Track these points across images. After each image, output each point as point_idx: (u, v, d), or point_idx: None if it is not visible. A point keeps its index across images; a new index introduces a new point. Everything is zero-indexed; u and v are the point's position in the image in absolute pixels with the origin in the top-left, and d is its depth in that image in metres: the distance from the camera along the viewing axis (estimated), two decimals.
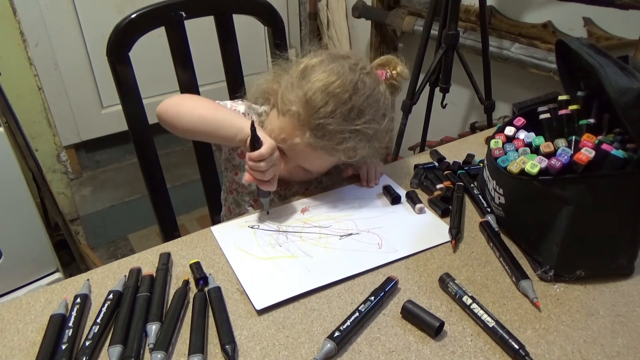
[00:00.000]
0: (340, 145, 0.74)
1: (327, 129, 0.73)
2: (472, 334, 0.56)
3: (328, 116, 0.72)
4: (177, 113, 0.79)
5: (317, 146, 0.74)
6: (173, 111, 0.80)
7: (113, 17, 1.01)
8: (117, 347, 0.53)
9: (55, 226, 1.67)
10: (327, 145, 0.74)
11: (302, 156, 0.78)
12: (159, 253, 0.68)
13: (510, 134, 0.71)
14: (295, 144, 0.76)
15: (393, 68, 0.83)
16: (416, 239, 0.72)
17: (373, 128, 0.75)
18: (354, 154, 0.76)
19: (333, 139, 0.74)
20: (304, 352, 0.54)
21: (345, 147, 0.74)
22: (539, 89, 1.50)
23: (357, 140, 0.75)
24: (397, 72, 0.83)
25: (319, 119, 0.72)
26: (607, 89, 0.58)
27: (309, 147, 0.75)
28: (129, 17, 0.91)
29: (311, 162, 0.80)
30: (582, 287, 0.63)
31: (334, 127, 0.73)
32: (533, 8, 1.48)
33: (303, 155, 0.78)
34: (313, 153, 0.76)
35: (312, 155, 0.77)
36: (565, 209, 0.61)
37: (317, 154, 0.76)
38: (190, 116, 0.79)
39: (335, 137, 0.73)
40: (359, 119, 0.74)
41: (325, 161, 0.80)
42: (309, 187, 0.92)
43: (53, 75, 1.82)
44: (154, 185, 1.02)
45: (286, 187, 0.92)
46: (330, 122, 0.72)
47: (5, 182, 1.31)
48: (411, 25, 1.79)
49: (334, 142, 0.74)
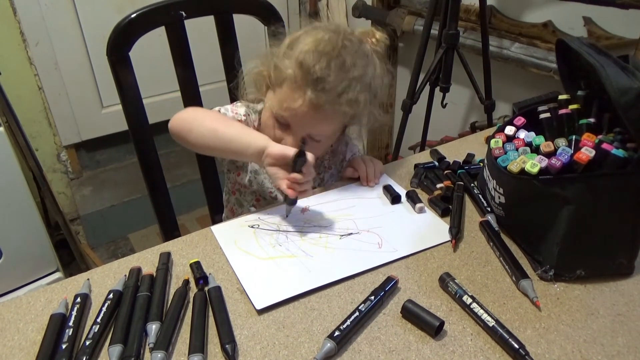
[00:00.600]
0: (342, 97, 0.76)
1: (326, 81, 0.75)
2: (472, 334, 0.56)
3: (324, 70, 0.75)
4: (188, 128, 0.79)
5: (319, 103, 0.76)
6: (184, 126, 0.80)
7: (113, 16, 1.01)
8: (117, 347, 0.53)
9: (56, 226, 1.67)
10: (330, 99, 0.76)
11: (307, 120, 0.79)
12: (159, 253, 0.68)
13: (511, 134, 0.71)
14: (298, 107, 0.77)
15: (372, 36, 0.85)
16: (416, 239, 0.72)
17: (369, 76, 0.79)
18: (357, 106, 0.78)
19: (334, 90, 0.75)
20: (304, 352, 0.54)
21: (348, 99, 0.76)
22: (539, 89, 1.50)
23: (357, 91, 0.77)
24: (376, 39, 0.85)
25: (317, 74, 0.74)
26: (607, 88, 0.58)
27: (312, 107, 0.76)
28: (129, 16, 0.91)
29: (317, 125, 0.80)
30: (582, 287, 0.63)
31: (332, 78, 0.75)
32: (533, 7, 1.48)
33: (308, 119, 0.78)
34: (317, 113, 0.77)
35: (317, 117, 0.78)
36: (565, 209, 0.61)
37: (321, 114, 0.77)
38: (202, 131, 0.79)
39: (335, 88, 0.75)
40: (354, 68, 0.77)
41: (331, 122, 0.81)
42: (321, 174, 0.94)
43: (53, 74, 1.82)
44: (154, 184, 1.02)
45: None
46: (328, 74, 0.75)
47: (6, 181, 1.31)
48: (411, 25, 1.79)
49: (335, 93, 0.76)
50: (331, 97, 0.75)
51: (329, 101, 0.76)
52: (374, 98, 0.82)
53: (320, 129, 0.81)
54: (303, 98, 0.76)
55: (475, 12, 1.60)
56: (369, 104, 0.81)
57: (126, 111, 0.95)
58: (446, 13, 1.40)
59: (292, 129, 0.81)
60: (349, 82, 0.76)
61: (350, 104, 0.77)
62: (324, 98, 0.75)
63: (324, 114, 0.77)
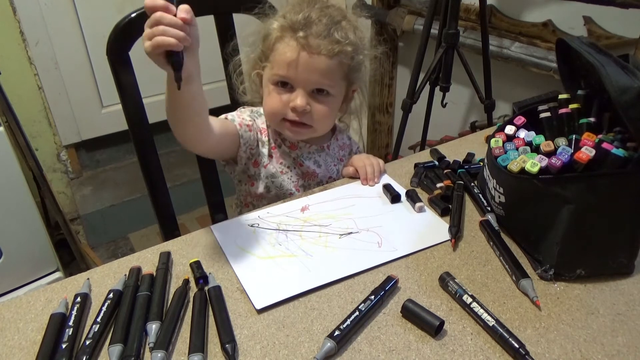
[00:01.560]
0: (332, 32, 0.79)
1: (312, 20, 0.79)
2: (472, 333, 0.56)
3: (307, 14, 0.79)
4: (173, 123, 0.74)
5: (311, 42, 0.78)
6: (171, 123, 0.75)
7: (113, 16, 1.01)
8: (118, 346, 0.53)
9: (56, 225, 1.67)
10: (321, 34, 0.78)
11: (306, 68, 0.80)
12: (159, 252, 0.68)
13: (511, 133, 0.71)
14: (294, 56, 0.79)
15: None
16: (416, 238, 0.72)
17: (348, 23, 0.83)
18: (348, 43, 0.81)
19: (321, 26, 0.79)
20: (304, 351, 0.54)
21: (338, 34, 0.80)
22: (539, 88, 1.50)
23: (345, 28, 0.81)
24: None
25: (302, 18, 0.79)
26: (607, 87, 0.58)
27: (307, 51, 0.79)
28: (129, 16, 0.90)
29: (317, 72, 0.81)
30: (582, 286, 0.63)
31: (316, 17, 0.79)
32: (533, 7, 1.48)
33: (306, 66, 0.80)
34: (313, 57, 0.79)
35: (314, 62, 0.80)
36: (565, 208, 0.61)
37: (317, 57, 0.79)
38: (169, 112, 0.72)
39: (321, 28, 0.79)
40: (335, 12, 0.82)
41: (330, 66, 0.81)
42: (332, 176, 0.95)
43: (53, 74, 1.82)
44: (154, 184, 1.02)
45: (310, 177, 0.93)
46: (312, 16, 0.79)
47: (6, 181, 1.31)
48: (411, 24, 1.79)
49: (324, 28, 0.79)
50: (318, 32, 0.79)
51: (316, 36, 0.78)
52: (361, 45, 0.85)
53: (321, 76, 0.82)
54: (296, 42, 0.79)
55: (475, 12, 1.60)
56: (360, 44, 0.84)
57: (126, 111, 0.95)
58: (446, 12, 1.40)
59: (296, 88, 0.82)
60: (334, 20, 0.80)
61: (339, 39, 0.80)
62: (314, 35, 0.78)
63: (320, 56, 0.79)
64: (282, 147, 0.92)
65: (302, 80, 0.81)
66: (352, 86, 0.89)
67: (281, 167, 0.91)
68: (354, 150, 1.02)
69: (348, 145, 1.01)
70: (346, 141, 1.01)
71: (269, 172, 0.91)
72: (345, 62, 0.82)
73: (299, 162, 0.93)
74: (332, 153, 0.97)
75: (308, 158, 0.93)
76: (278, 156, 0.91)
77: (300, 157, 0.93)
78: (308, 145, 0.93)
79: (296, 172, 0.93)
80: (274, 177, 0.91)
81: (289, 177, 0.92)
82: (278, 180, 0.91)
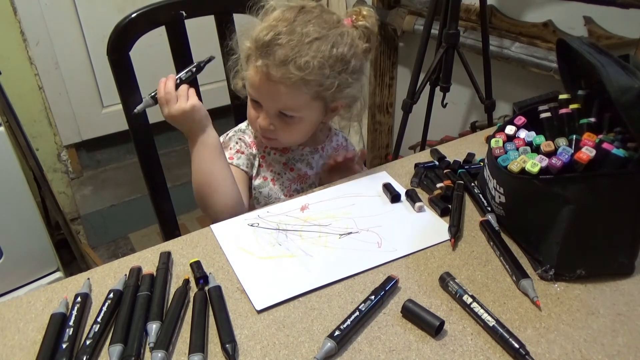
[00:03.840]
0: (289, 62, 0.75)
1: (273, 48, 0.76)
2: (472, 333, 0.56)
3: (271, 38, 0.76)
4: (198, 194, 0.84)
5: (269, 70, 0.76)
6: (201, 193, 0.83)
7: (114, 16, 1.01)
8: (118, 346, 0.53)
9: (56, 225, 1.67)
10: (276, 63, 0.76)
11: (267, 93, 0.80)
12: (160, 252, 0.68)
13: (511, 133, 0.71)
14: (254, 79, 0.79)
15: (358, 13, 0.85)
16: (416, 238, 0.72)
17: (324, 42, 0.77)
18: (308, 70, 0.76)
19: (279, 56, 0.75)
20: (304, 351, 0.54)
21: (297, 64, 0.75)
22: (539, 88, 1.50)
23: (308, 55, 0.75)
24: (362, 15, 0.84)
25: (264, 42, 0.76)
26: (607, 88, 0.58)
27: (265, 77, 0.78)
28: (130, 16, 0.91)
29: (278, 97, 0.80)
30: (582, 286, 0.63)
31: (278, 45, 0.76)
32: (533, 7, 1.48)
33: (266, 91, 0.80)
34: (272, 83, 0.78)
35: (274, 88, 0.78)
36: (565, 208, 0.61)
37: (276, 84, 0.77)
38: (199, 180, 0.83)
39: (281, 54, 0.75)
40: (304, 35, 0.76)
41: (290, 93, 0.79)
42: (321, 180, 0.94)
43: (54, 74, 1.82)
44: (154, 184, 1.02)
45: (303, 180, 0.93)
46: (275, 41, 0.76)
47: (6, 181, 1.31)
48: (411, 25, 1.79)
49: (281, 58, 0.75)
50: (277, 61, 0.76)
51: (275, 65, 0.76)
52: (341, 66, 0.79)
53: (284, 103, 0.81)
54: (255, 69, 0.78)
55: (475, 12, 1.60)
56: (328, 71, 0.78)
57: (126, 111, 0.95)
58: (446, 13, 1.40)
59: (262, 107, 0.83)
60: (298, 47, 0.76)
61: (299, 68, 0.76)
62: (272, 65, 0.76)
63: (279, 84, 0.78)
64: (271, 154, 0.93)
65: (265, 102, 0.82)
66: (334, 102, 0.85)
67: (272, 175, 0.92)
68: (340, 141, 1.00)
69: (344, 146, 1.00)
70: (342, 142, 1.00)
71: (254, 185, 0.92)
72: (311, 88, 0.79)
73: (290, 166, 0.93)
74: (326, 155, 0.96)
75: (300, 160, 0.94)
76: (267, 164, 0.92)
77: (291, 161, 0.93)
78: (301, 147, 0.94)
79: (288, 177, 0.93)
80: (261, 188, 0.92)
81: (280, 183, 0.93)
82: (265, 190, 0.92)
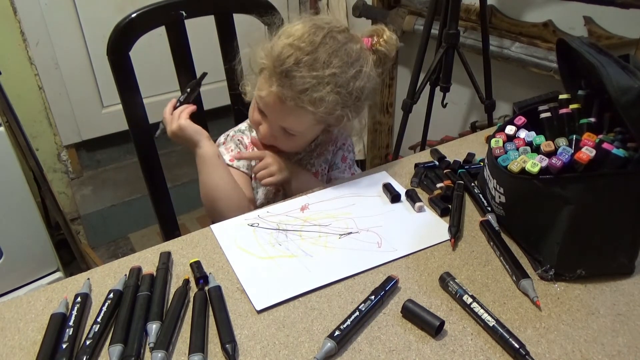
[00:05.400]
0: (306, 95, 0.75)
1: (292, 76, 0.75)
2: (472, 333, 0.56)
3: (292, 64, 0.74)
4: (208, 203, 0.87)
5: (283, 96, 0.76)
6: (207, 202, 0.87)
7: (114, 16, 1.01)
8: (118, 346, 0.53)
9: (56, 225, 1.67)
10: (292, 95, 0.75)
11: (275, 111, 0.80)
12: (160, 252, 0.68)
13: (511, 133, 0.71)
14: (265, 97, 0.79)
15: (380, 36, 0.83)
16: (416, 238, 0.72)
17: (343, 78, 0.76)
18: (322, 106, 0.76)
19: (296, 86, 0.75)
20: (304, 351, 0.54)
21: (311, 97, 0.75)
22: (539, 88, 1.50)
23: (325, 91, 0.75)
24: (383, 39, 0.83)
25: (284, 68, 0.75)
26: (607, 88, 0.58)
27: (277, 99, 0.77)
28: (130, 16, 0.91)
29: (284, 118, 0.80)
30: (582, 286, 0.63)
31: (299, 74, 0.74)
32: (533, 7, 1.48)
33: (275, 110, 0.80)
34: (283, 107, 0.78)
35: (283, 110, 0.78)
36: (565, 208, 0.61)
37: (287, 108, 0.77)
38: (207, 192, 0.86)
39: (298, 84, 0.74)
40: (326, 67, 0.75)
41: (298, 118, 0.80)
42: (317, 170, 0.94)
43: (53, 74, 1.82)
44: (154, 184, 1.02)
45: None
46: (295, 69, 0.74)
47: (6, 181, 1.31)
48: (412, 25, 1.79)
49: (299, 90, 0.75)
50: (294, 93, 0.75)
51: (291, 97, 0.76)
52: (353, 100, 0.79)
53: (289, 123, 0.81)
54: (269, 90, 0.78)
55: (475, 12, 1.60)
56: (340, 105, 0.78)
57: (126, 111, 0.96)
58: (446, 13, 1.40)
59: (267, 117, 0.83)
60: (317, 80, 0.74)
61: (313, 103, 0.75)
62: (287, 93, 0.76)
63: (290, 109, 0.77)
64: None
65: (270, 116, 0.82)
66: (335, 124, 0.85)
67: None
68: (338, 145, 0.97)
69: (334, 138, 0.96)
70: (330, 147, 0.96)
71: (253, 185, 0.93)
72: (318, 116, 0.79)
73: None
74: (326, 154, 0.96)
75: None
76: None
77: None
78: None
79: None
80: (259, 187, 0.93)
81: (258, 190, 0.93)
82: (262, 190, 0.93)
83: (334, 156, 0.97)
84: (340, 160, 0.97)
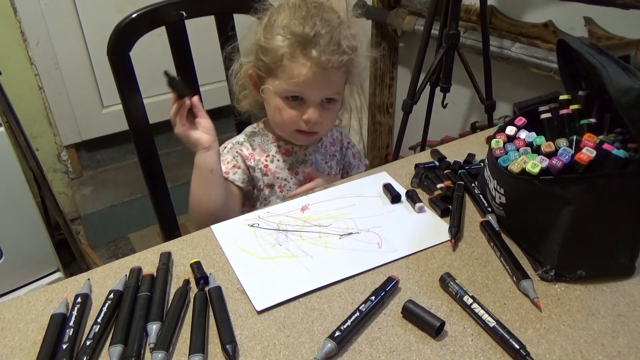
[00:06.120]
0: (342, 45, 0.80)
1: (322, 36, 0.79)
2: (472, 334, 0.56)
3: (314, 28, 0.78)
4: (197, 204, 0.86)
5: (326, 59, 0.79)
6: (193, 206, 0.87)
7: (114, 16, 1.01)
8: (118, 347, 0.53)
9: (56, 226, 1.67)
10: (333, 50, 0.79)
11: (319, 82, 0.82)
12: (160, 252, 0.68)
13: (511, 134, 0.71)
14: (307, 72, 0.79)
15: None
16: (416, 239, 0.72)
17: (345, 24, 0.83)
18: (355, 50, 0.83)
19: (332, 42, 0.79)
20: (304, 352, 0.54)
21: (347, 45, 0.81)
22: (539, 89, 1.50)
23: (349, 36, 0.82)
24: None
25: (310, 35, 0.78)
26: (608, 88, 0.58)
27: (320, 67, 0.79)
28: (130, 16, 0.91)
29: (329, 84, 0.83)
30: (582, 287, 0.63)
31: (324, 31, 0.79)
32: (534, 8, 1.48)
33: (319, 81, 0.81)
34: (326, 72, 0.80)
35: (326, 75, 0.81)
36: (566, 209, 0.61)
37: (329, 71, 0.80)
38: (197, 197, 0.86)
39: (332, 39, 0.79)
40: (333, 20, 0.81)
41: (339, 76, 0.84)
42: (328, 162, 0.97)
43: (54, 74, 1.82)
44: (154, 184, 1.02)
45: (307, 180, 0.93)
46: (319, 30, 0.79)
47: (6, 181, 1.31)
48: (412, 25, 1.79)
49: (335, 43, 0.79)
50: (328, 44, 0.79)
51: (328, 49, 0.79)
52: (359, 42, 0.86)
53: (332, 88, 0.84)
54: (310, 61, 0.79)
55: (475, 12, 1.60)
56: (359, 46, 0.85)
57: (127, 111, 0.95)
58: (447, 13, 1.40)
59: (306, 101, 0.83)
60: (338, 31, 0.80)
61: (351, 49, 0.82)
62: (324, 51, 0.78)
63: (331, 69, 0.80)
64: (274, 161, 0.93)
65: (316, 95, 0.83)
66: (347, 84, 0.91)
67: (278, 182, 0.93)
68: (344, 145, 1.03)
69: (339, 140, 1.02)
70: (336, 135, 1.02)
71: (264, 195, 0.93)
72: (350, 69, 0.85)
73: (294, 170, 0.94)
74: (323, 150, 0.98)
75: (304, 162, 0.95)
76: (272, 173, 0.93)
77: (295, 164, 0.94)
78: (304, 147, 0.95)
79: (293, 181, 0.94)
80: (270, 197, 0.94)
81: (288, 189, 0.94)
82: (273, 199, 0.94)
83: (345, 156, 1.02)
84: (352, 158, 1.03)
